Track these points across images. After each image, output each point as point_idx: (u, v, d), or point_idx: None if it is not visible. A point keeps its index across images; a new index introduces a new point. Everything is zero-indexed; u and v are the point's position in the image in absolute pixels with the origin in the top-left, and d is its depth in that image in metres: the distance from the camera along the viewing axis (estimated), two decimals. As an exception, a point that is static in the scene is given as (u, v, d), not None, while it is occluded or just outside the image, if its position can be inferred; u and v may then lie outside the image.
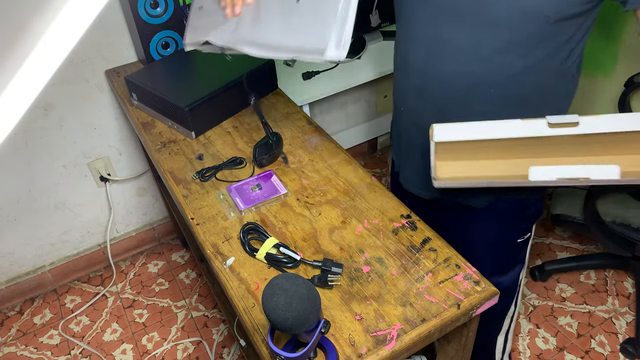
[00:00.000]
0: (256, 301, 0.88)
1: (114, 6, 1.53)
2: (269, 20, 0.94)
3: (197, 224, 1.03)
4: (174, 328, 1.81)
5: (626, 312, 1.74)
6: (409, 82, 1.04)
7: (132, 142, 1.84)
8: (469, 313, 0.87)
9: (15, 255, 1.84)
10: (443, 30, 0.92)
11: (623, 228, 1.50)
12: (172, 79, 1.36)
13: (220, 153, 1.22)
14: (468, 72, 0.92)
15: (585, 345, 1.66)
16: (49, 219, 1.83)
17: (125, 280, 1.99)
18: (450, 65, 0.94)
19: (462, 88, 0.95)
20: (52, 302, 1.93)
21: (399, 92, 1.10)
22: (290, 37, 0.89)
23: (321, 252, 0.96)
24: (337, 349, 0.80)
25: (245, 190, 1.10)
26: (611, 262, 1.84)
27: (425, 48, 0.97)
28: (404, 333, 0.82)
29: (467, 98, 0.95)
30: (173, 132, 1.31)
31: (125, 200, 1.96)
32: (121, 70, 1.60)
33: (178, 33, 1.52)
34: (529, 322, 1.74)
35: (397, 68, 1.08)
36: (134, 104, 1.42)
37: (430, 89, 1.00)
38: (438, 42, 0.93)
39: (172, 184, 1.14)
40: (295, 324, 0.67)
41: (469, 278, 0.89)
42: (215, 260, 0.96)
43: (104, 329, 1.82)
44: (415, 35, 0.99)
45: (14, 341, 1.81)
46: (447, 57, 0.94)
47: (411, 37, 1.00)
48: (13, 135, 1.62)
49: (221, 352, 1.73)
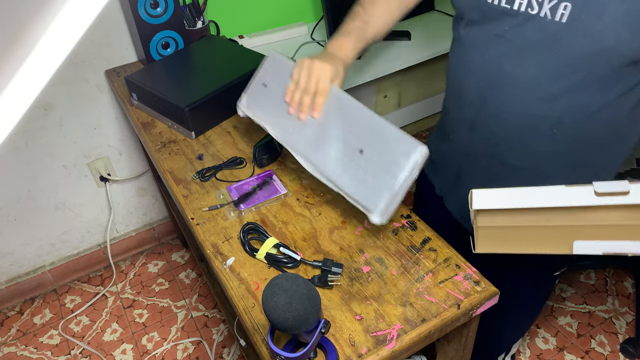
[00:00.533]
0: (256, 301, 0.88)
1: (114, 6, 1.53)
2: (329, 148, 0.94)
3: (197, 224, 1.03)
4: (174, 328, 1.81)
5: (626, 312, 1.74)
6: (461, 115, 0.99)
7: (132, 142, 1.84)
8: (469, 313, 0.87)
9: (15, 255, 1.84)
10: (505, 63, 0.86)
11: (623, 228, 1.50)
12: (172, 79, 1.36)
13: (220, 153, 1.22)
14: (530, 111, 0.87)
15: (585, 345, 1.66)
16: (49, 219, 1.83)
17: (125, 280, 1.99)
18: (511, 103, 0.88)
19: (523, 127, 0.89)
20: (52, 302, 1.93)
21: (449, 121, 1.05)
22: (344, 179, 0.91)
23: (321, 252, 0.96)
24: (337, 349, 0.80)
25: (245, 190, 1.10)
26: (611, 262, 1.84)
27: (482, 80, 0.91)
28: (404, 333, 0.82)
29: (527, 138, 0.90)
30: (173, 132, 1.31)
31: (125, 200, 1.96)
32: (121, 70, 1.60)
33: (178, 33, 1.52)
34: (529, 322, 1.74)
35: (448, 96, 1.03)
36: (134, 104, 1.42)
37: (485, 126, 0.94)
38: (498, 76, 0.88)
39: (172, 184, 1.14)
40: (295, 324, 0.67)
41: (469, 278, 0.89)
42: (215, 260, 0.96)
43: (104, 329, 1.82)
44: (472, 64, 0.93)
45: (14, 341, 1.81)
46: (507, 94, 0.88)
47: (466, 65, 0.94)
48: (13, 135, 1.62)
49: (221, 352, 1.73)
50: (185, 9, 1.56)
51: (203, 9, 1.59)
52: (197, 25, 1.58)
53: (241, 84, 1.32)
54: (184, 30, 1.53)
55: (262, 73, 1.07)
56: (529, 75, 0.85)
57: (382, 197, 0.86)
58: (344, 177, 0.91)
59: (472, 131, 0.97)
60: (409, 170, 0.86)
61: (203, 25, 1.59)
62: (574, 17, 0.77)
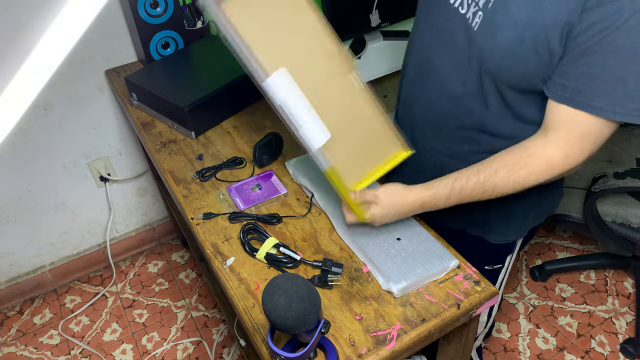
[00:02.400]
0: (256, 301, 0.88)
1: (114, 6, 1.53)
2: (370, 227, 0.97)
3: (197, 224, 1.03)
4: (174, 328, 1.81)
5: (626, 312, 1.74)
6: (401, 91, 1.07)
7: (132, 142, 1.84)
8: (469, 313, 0.87)
9: (15, 255, 1.84)
10: (433, 53, 0.93)
11: (623, 228, 1.50)
12: (172, 79, 1.36)
13: (220, 153, 1.22)
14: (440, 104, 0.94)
15: (585, 345, 1.66)
16: (49, 219, 1.83)
17: (125, 280, 1.99)
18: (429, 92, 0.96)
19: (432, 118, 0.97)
20: (52, 302, 1.93)
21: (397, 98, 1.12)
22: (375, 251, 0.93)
23: (321, 252, 0.96)
24: (337, 349, 0.80)
25: (245, 190, 1.10)
26: (611, 262, 1.84)
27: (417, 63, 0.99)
28: (404, 333, 0.82)
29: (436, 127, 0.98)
30: (173, 132, 1.31)
31: (125, 200, 1.96)
32: (121, 70, 1.60)
33: (178, 33, 1.52)
34: (529, 322, 1.74)
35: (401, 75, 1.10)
36: (134, 104, 1.42)
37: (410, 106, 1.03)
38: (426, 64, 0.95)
39: (172, 184, 1.14)
40: (295, 324, 0.67)
41: (469, 278, 0.89)
42: (215, 260, 0.96)
43: (104, 329, 1.82)
44: (414, 47, 1.01)
45: (14, 341, 1.81)
46: (428, 83, 0.96)
47: (411, 47, 1.03)
48: (13, 135, 1.61)
49: (221, 352, 1.73)
50: (185, 9, 1.56)
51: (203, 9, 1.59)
52: (197, 25, 1.58)
53: (241, 84, 1.32)
54: (184, 30, 1.53)
55: None
56: (446, 70, 0.90)
57: (408, 279, 0.87)
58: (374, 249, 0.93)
59: (404, 107, 1.06)
60: (440, 272, 0.90)
61: (203, 25, 1.59)
62: (481, 28, 0.82)
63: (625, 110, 0.74)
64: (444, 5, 0.88)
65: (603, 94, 0.74)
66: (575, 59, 0.74)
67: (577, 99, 0.76)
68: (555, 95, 0.78)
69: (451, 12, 0.87)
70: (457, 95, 0.91)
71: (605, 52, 0.71)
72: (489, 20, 0.80)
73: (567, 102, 0.77)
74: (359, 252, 0.95)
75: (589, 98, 0.75)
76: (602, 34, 0.70)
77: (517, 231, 1.09)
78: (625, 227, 1.49)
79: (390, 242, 0.93)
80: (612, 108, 0.74)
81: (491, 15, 0.80)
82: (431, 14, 0.93)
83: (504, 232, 1.08)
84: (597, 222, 1.49)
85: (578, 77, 0.75)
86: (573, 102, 0.76)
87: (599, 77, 0.74)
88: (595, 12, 0.69)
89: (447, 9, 0.87)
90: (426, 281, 0.88)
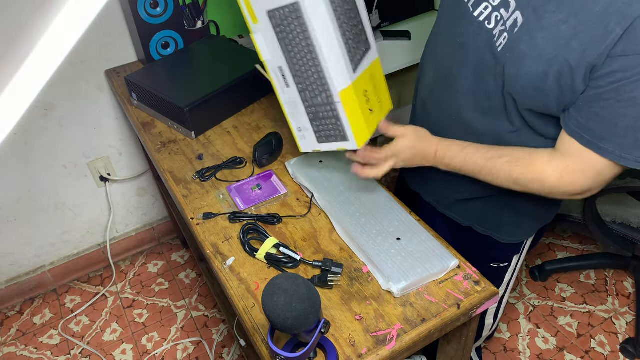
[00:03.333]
0: (256, 301, 0.88)
1: (114, 6, 1.53)
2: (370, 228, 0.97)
3: (197, 224, 1.03)
4: (174, 328, 1.81)
5: (626, 312, 1.74)
6: (419, 92, 1.08)
7: (132, 142, 1.84)
8: (469, 313, 0.87)
9: (15, 255, 1.84)
10: (454, 64, 0.93)
11: (623, 228, 1.50)
12: (172, 79, 1.36)
13: (220, 153, 1.22)
14: (460, 117, 0.95)
15: (585, 345, 1.66)
16: (49, 219, 1.83)
17: (125, 280, 1.99)
18: (449, 102, 0.96)
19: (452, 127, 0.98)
20: (52, 302, 1.93)
21: (415, 95, 1.13)
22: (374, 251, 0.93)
23: (321, 252, 0.96)
24: (337, 349, 0.80)
25: (245, 190, 1.10)
26: (611, 262, 1.84)
27: (437, 71, 0.99)
28: (404, 333, 0.82)
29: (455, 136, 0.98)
30: (173, 132, 1.31)
31: (125, 200, 1.96)
32: (121, 70, 1.60)
33: (178, 33, 1.52)
34: (529, 322, 1.74)
35: (419, 72, 1.11)
36: (134, 104, 1.42)
37: (430, 110, 1.03)
38: (447, 74, 0.95)
39: (172, 184, 1.14)
40: (295, 324, 0.67)
41: (469, 278, 0.89)
42: (215, 260, 0.96)
43: (104, 329, 1.82)
44: (435, 53, 1.00)
45: (14, 341, 1.81)
46: (447, 92, 0.96)
47: (432, 51, 1.02)
48: (13, 135, 1.61)
49: (221, 352, 1.73)
50: (185, 9, 1.56)
51: (203, 9, 1.59)
52: (197, 25, 1.58)
53: (241, 84, 1.32)
54: (184, 30, 1.53)
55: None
56: (468, 83, 0.91)
57: (408, 278, 0.87)
58: (374, 249, 0.93)
59: (422, 110, 1.07)
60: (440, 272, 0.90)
61: (203, 25, 1.59)
62: (504, 51, 0.82)
63: (631, 157, 0.76)
64: (469, 18, 0.87)
65: (612, 138, 0.76)
66: (592, 100, 0.76)
67: (587, 136, 0.78)
68: (568, 128, 0.81)
69: (475, 25, 0.86)
70: (483, 108, 0.91)
71: (621, 100, 0.73)
72: (514, 46, 0.80)
73: (577, 137, 0.80)
74: (359, 252, 0.95)
75: (598, 139, 0.77)
76: (621, 83, 0.72)
77: (527, 231, 1.10)
78: (625, 227, 1.49)
79: (390, 242, 0.93)
80: (620, 153, 0.77)
81: (516, 41, 0.80)
82: (454, 23, 0.92)
83: (514, 232, 1.09)
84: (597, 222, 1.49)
85: (591, 117, 0.77)
86: (582, 138, 0.79)
87: (610, 121, 0.76)
88: (618, 61, 0.71)
89: (471, 21, 0.87)
90: (426, 281, 0.88)
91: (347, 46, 0.87)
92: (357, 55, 0.90)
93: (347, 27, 0.89)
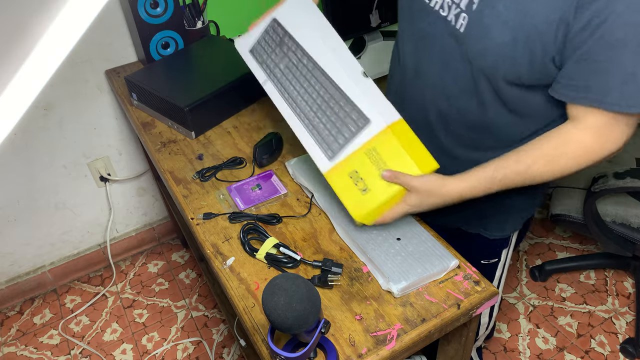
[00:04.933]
0: (256, 301, 0.88)
1: (114, 6, 1.53)
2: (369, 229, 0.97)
3: (197, 224, 1.03)
4: (174, 328, 1.81)
5: (626, 312, 1.74)
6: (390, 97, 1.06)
7: (132, 142, 1.84)
8: (469, 313, 0.87)
9: (15, 255, 1.84)
10: (421, 57, 0.94)
11: (623, 228, 1.50)
12: (172, 79, 1.36)
13: (220, 153, 1.22)
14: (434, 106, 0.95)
15: (585, 345, 1.66)
16: (49, 219, 1.83)
17: (125, 280, 1.99)
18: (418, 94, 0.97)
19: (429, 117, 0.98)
20: (52, 302, 1.93)
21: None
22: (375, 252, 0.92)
23: (321, 252, 0.96)
24: (337, 349, 0.80)
25: (245, 190, 1.10)
26: (611, 262, 1.84)
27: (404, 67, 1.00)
28: (404, 333, 0.82)
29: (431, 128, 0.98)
30: (173, 132, 1.31)
31: (125, 200, 1.96)
32: (121, 70, 1.60)
33: (178, 33, 1.52)
34: (528, 322, 1.74)
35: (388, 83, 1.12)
36: (134, 104, 1.42)
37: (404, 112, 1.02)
38: (415, 67, 0.96)
39: (172, 184, 1.14)
40: (295, 324, 0.67)
41: (469, 278, 0.89)
42: (215, 260, 0.96)
43: (104, 329, 1.82)
44: (400, 55, 1.01)
45: (14, 341, 1.81)
46: (418, 85, 0.96)
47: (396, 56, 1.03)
48: (13, 135, 1.61)
49: (221, 352, 1.73)
50: (185, 9, 1.56)
51: (203, 9, 1.59)
52: (197, 25, 1.58)
53: (241, 84, 1.32)
54: (184, 30, 1.53)
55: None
56: (436, 72, 0.91)
57: (408, 278, 0.87)
58: (374, 249, 0.93)
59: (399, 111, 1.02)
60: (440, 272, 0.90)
61: (203, 25, 1.59)
62: (468, 30, 0.82)
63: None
64: (426, 10, 0.88)
65: (613, 89, 0.74)
66: (580, 58, 0.74)
67: (590, 95, 0.76)
68: (568, 97, 0.79)
69: (432, 15, 0.87)
70: (452, 94, 0.91)
71: (607, 48, 0.71)
72: (477, 22, 0.80)
73: (581, 101, 0.78)
74: (359, 252, 0.95)
75: (601, 94, 0.75)
76: (601, 30, 0.70)
77: (513, 224, 1.10)
78: (625, 227, 1.49)
79: (390, 242, 0.93)
80: (626, 102, 0.74)
81: (478, 17, 0.80)
82: (414, 20, 0.93)
83: (502, 227, 1.09)
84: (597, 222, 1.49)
85: (587, 76, 0.75)
86: (586, 99, 0.77)
87: (605, 73, 0.73)
88: (589, 8, 0.69)
89: (428, 12, 0.88)
90: (426, 281, 0.88)
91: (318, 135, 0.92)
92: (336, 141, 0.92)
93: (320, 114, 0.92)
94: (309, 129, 0.94)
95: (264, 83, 1.01)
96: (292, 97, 0.97)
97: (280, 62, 0.99)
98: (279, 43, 0.99)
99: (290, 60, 0.97)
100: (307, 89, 0.95)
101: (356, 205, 0.90)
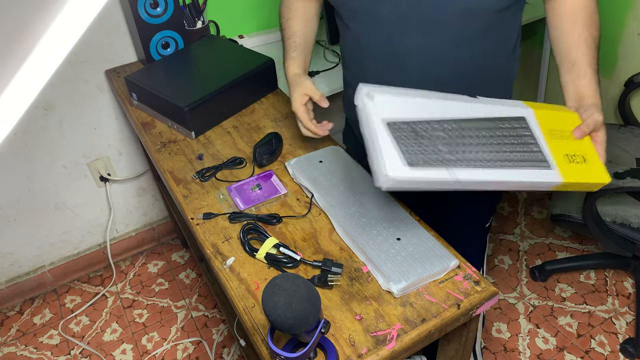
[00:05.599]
0: (256, 301, 0.88)
1: (114, 6, 1.53)
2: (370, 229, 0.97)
3: (197, 224, 1.03)
4: (174, 328, 1.81)
5: (626, 312, 1.74)
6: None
7: (132, 142, 1.84)
8: (469, 313, 0.87)
9: (15, 255, 1.84)
10: (395, 39, 0.94)
11: (623, 228, 1.50)
12: (172, 79, 1.36)
13: (220, 153, 1.22)
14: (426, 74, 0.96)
15: (585, 345, 1.66)
16: (49, 219, 1.83)
17: (125, 280, 1.99)
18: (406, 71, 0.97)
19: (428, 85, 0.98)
20: (52, 302, 1.93)
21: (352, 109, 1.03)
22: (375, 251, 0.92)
23: (321, 252, 0.96)
24: (337, 349, 0.80)
25: (245, 190, 1.10)
26: (611, 262, 1.84)
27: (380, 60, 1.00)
28: (404, 333, 0.82)
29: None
30: (173, 132, 1.31)
31: (125, 200, 1.96)
32: (121, 70, 1.60)
33: (178, 33, 1.52)
34: (528, 322, 1.74)
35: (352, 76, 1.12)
36: (134, 103, 1.42)
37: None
38: (390, 51, 0.96)
39: (172, 184, 1.14)
40: (295, 324, 0.67)
41: (469, 278, 0.89)
42: (215, 260, 0.96)
43: (104, 329, 1.82)
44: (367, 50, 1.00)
45: (14, 341, 1.81)
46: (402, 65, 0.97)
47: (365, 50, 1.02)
48: (13, 135, 1.61)
49: (221, 352, 1.73)
50: (185, 9, 1.56)
51: (203, 9, 1.59)
52: (197, 25, 1.58)
53: (241, 83, 1.32)
54: (184, 30, 1.53)
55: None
56: (417, 43, 0.93)
57: (407, 278, 0.87)
58: (374, 249, 0.92)
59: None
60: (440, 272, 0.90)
61: (203, 25, 1.59)
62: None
63: None
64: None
65: None
66: None
67: None
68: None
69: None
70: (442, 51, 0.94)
71: None
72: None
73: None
74: (359, 252, 0.95)
75: None
76: None
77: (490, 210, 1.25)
78: (625, 227, 1.49)
79: (390, 242, 0.93)
80: None
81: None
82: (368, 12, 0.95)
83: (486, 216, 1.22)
84: (597, 222, 1.49)
85: None
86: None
87: None
88: None
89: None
90: (426, 281, 0.88)
91: (524, 162, 0.87)
92: (539, 151, 0.90)
93: (506, 148, 0.88)
94: (515, 167, 0.87)
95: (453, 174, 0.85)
96: (482, 159, 0.85)
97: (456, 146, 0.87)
98: (421, 136, 0.84)
99: (450, 137, 0.86)
100: (481, 142, 0.86)
101: (594, 174, 0.91)
